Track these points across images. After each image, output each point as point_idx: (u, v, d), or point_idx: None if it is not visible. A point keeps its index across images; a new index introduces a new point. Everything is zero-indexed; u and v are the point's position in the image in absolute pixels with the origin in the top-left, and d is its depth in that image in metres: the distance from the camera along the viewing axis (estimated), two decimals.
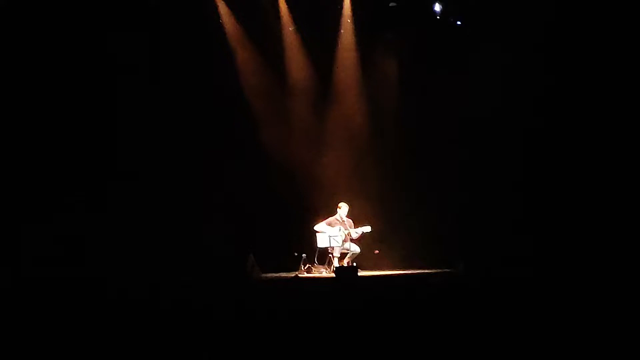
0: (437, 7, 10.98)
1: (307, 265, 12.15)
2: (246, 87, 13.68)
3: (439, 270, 11.91)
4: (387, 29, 13.30)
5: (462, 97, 12.84)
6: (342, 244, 11.96)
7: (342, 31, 13.61)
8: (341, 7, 13.39)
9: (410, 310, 7.25)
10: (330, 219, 12.20)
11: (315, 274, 12.00)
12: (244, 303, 8.20)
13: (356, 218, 12.30)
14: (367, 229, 12.02)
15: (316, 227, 12.16)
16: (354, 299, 8.43)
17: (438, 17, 11.07)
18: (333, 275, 11.31)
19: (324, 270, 12.06)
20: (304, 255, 12.19)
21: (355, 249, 12.10)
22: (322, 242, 12.06)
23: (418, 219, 13.28)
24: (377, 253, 12.61)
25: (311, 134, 13.75)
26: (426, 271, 11.93)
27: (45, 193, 12.29)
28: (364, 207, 12.68)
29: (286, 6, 13.38)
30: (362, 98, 13.76)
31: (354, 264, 11.78)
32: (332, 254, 12.02)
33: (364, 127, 13.74)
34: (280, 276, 12.01)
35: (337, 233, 11.98)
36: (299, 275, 11.82)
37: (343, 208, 12.24)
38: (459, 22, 11.56)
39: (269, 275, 12.08)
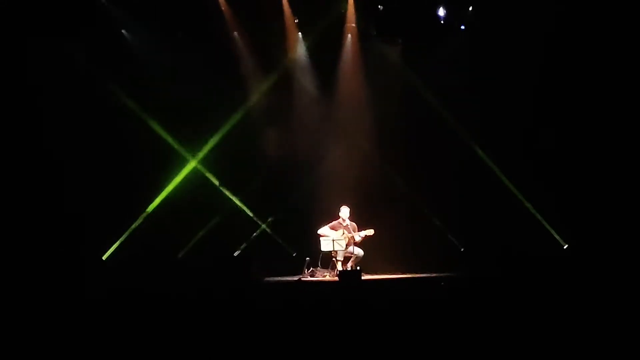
0: (441, 12, 11.00)
1: (311, 268, 12.16)
2: (248, 88, 13.79)
3: (442, 274, 11.89)
4: (391, 32, 13.36)
5: (464, 98, 12.92)
6: (346, 248, 11.97)
7: (348, 35, 13.70)
8: (345, 11, 13.44)
9: (414, 313, 7.24)
10: (334, 222, 12.22)
11: (318, 277, 12.01)
12: (247, 306, 8.21)
13: (359, 221, 12.32)
14: (370, 232, 12.02)
15: (320, 231, 12.17)
16: (357, 303, 8.42)
17: (442, 22, 11.13)
18: (337, 279, 11.32)
19: (328, 273, 12.06)
20: (307, 258, 12.23)
21: (359, 252, 12.09)
22: (325, 245, 12.07)
23: (422, 222, 13.34)
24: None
25: (314, 136, 13.78)
26: (430, 275, 11.92)
27: None
28: (367, 209, 12.71)
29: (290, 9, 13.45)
30: (366, 101, 13.77)
31: (358, 268, 11.77)
32: (335, 257, 12.02)
33: (367, 129, 13.79)
34: (284, 280, 12.01)
35: (340, 237, 11.99)
36: (303, 278, 11.83)
37: (343, 210, 12.25)
38: (462, 27, 11.61)
39: (273, 278, 12.09)
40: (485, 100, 12.83)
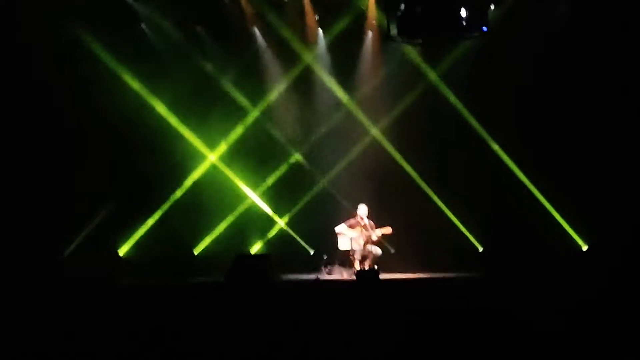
0: (463, 12, 10.95)
1: (328, 267, 12.15)
2: (267, 84, 13.84)
3: (461, 274, 11.83)
4: (412, 31, 13.31)
5: (484, 98, 12.88)
6: (364, 247, 11.94)
7: (368, 33, 13.67)
8: (366, 9, 13.39)
9: (432, 314, 7.22)
10: (351, 220, 12.18)
11: (336, 276, 11.98)
12: (264, 304, 8.22)
13: (377, 219, 12.28)
14: (388, 230, 11.97)
15: (337, 229, 12.15)
16: (375, 303, 8.41)
17: (464, 23, 11.11)
18: (354, 277, 11.28)
19: (345, 272, 12.03)
20: (325, 256, 12.23)
21: (377, 251, 12.05)
22: (343, 244, 12.04)
23: (441, 221, 13.32)
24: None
25: (333, 133, 13.80)
26: (449, 275, 11.86)
27: None
28: (386, 208, 12.67)
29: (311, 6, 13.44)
30: (386, 99, 13.72)
31: (375, 267, 11.73)
32: (353, 256, 11.99)
33: (387, 127, 13.77)
34: (301, 278, 12.00)
35: (358, 235, 11.96)
36: (320, 277, 11.82)
37: (361, 208, 12.21)
38: (484, 28, 11.56)
39: (290, 276, 12.09)
40: (506, 99, 12.77)
